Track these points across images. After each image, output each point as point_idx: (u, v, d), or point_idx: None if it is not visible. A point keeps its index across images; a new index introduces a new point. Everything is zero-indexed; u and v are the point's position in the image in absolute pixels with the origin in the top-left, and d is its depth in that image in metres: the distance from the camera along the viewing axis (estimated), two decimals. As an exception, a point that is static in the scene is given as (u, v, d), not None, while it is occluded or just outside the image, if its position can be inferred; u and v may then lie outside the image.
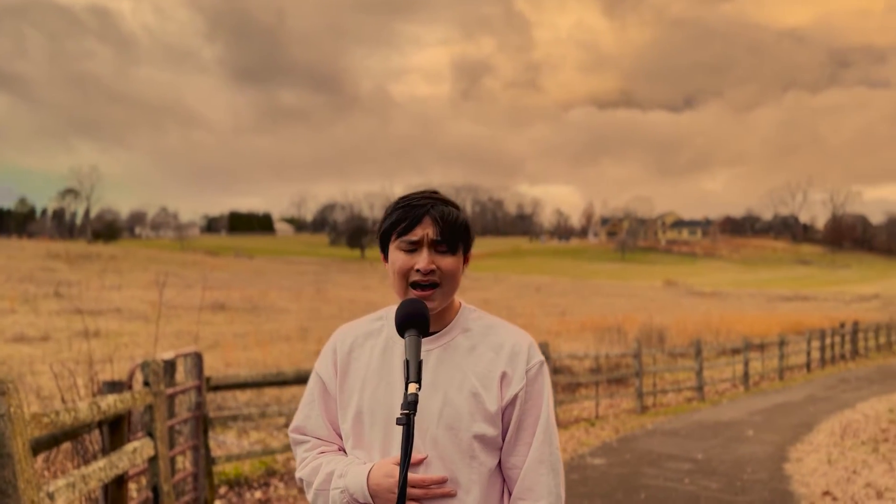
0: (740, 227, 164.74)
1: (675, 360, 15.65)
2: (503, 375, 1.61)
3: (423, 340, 1.59)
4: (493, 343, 1.64)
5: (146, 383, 4.31)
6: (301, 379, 6.91)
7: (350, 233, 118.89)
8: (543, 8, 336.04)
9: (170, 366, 5.07)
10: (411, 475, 1.52)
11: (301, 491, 6.29)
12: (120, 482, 3.92)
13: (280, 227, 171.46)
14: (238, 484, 6.30)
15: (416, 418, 1.42)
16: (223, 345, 18.89)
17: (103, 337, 17.13)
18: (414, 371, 1.45)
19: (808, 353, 18.97)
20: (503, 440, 1.63)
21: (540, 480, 1.60)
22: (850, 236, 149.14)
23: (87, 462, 4.54)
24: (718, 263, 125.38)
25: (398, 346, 1.65)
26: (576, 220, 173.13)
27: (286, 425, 9.06)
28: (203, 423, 5.55)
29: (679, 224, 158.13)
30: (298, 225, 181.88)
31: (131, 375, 4.44)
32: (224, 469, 6.35)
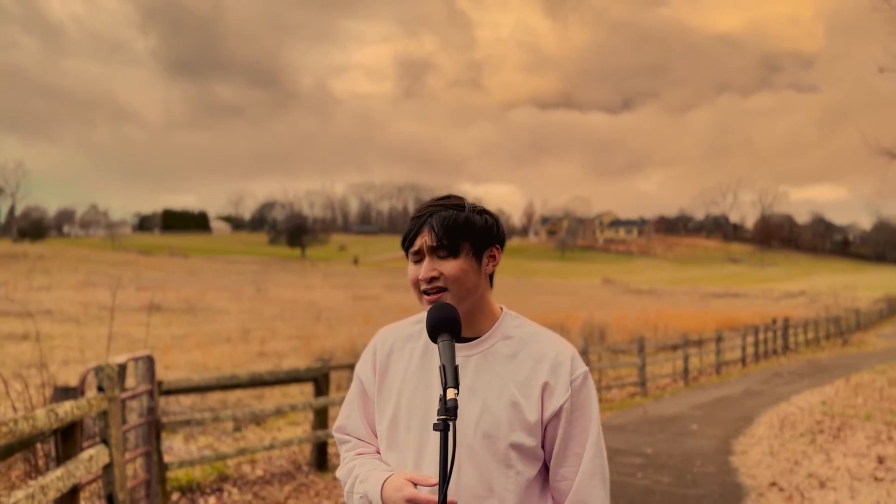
0: (674, 227, 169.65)
1: (617, 356, 15.96)
2: (545, 386, 1.59)
3: (463, 346, 1.58)
4: (534, 352, 1.62)
5: (100, 388, 4.14)
6: (255, 382, 6.78)
7: (290, 231, 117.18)
8: (485, 7, 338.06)
9: (121, 370, 4.89)
10: (428, 496, 1.48)
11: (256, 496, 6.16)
12: (74, 492, 3.75)
13: (216, 225, 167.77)
14: (191, 490, 6.13)
15: (453, 424, 1.41)
16: (160, 347, 18.34)
17: (32, 340, 16.43)
18: (451, 376, 1.43)
19: (743, 349, 19.61)
20: (545, 451, 1.61)
21: (593, 493, 1.59)
22: (778, 235, 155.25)
23: (38, 472, 4.34)
24: (653, 262, 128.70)
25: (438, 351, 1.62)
26: (517, 220, 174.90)
27: (237, 429, 8.88)
28: (156, 429, 5.37)
29: (616, 223, 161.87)
30: (236, 223, 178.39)
31: (83, 380, 4.26)
32: (176, 475, 6.16)
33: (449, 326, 1.52)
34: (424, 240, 1.59)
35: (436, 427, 1.40)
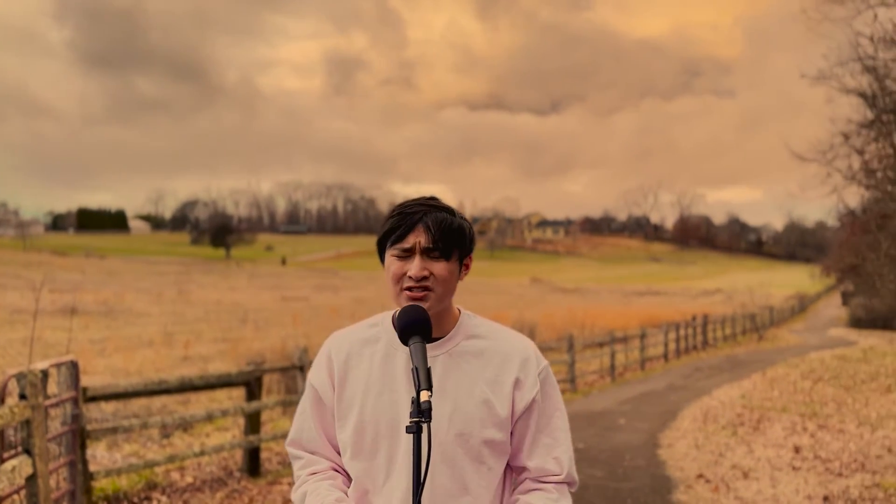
0: (598, 227, 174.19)
1: (546, 354, 16.21)
2: (516, 381, 1.62)
3: (428, 347, 1.57)
4: (499, 350, 1.65)
5: (22, 396, 3.93)
6: (185, 387, 6.57)
7: (213, 231, 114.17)
8: (417, 6, 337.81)
9: (44, 376, 4.66)
10: None
11: None
12: (-6, 506, 3.56)
13: (135, 224, 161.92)
14: (117, 500, 5.89)
15: (427, 426, 1.40)
16: (77, 352, 17.50)
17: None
18: (424, 378, 1.43)
19: (666, 345, 20.25)
20: (514, 443, 1.65)
21: (572, 474, 1.68)
22: (696, 235, 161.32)
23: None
24: (579, 261, 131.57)
25: (400, 354, 1.62)
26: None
27: (166, 436, 8.59)
28: (81, 437, 5.14)
29: (543, 224, 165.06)
30: (156, 223, 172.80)
31: (3, 388, 4.04)
32: (101, 485, 5.91)
33: (420, 328, 1.53)
34: (419, 239, 1.58)
35: (408, 430, 1.40)
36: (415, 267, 1.58)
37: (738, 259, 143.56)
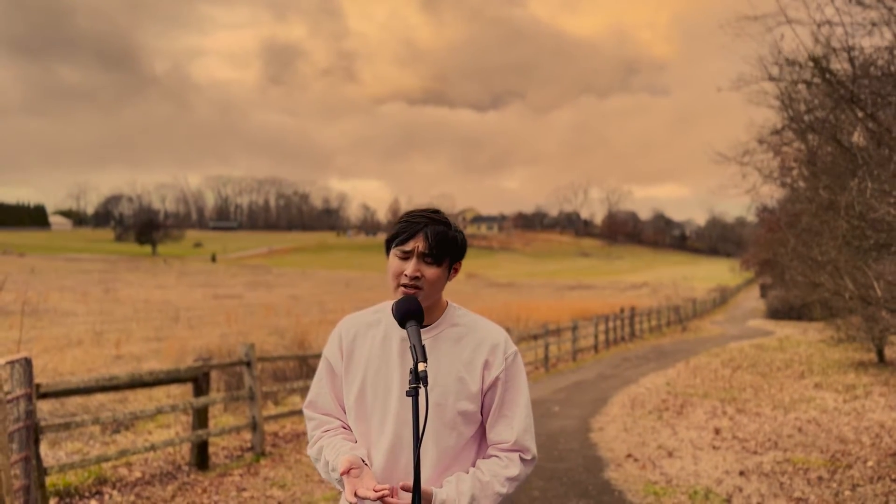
0: (531, 223, 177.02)
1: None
2: (485, 363, 1.97)
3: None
4: (476, 337, 1.99)
5: (-14, 392, 4.03)
6: (135, 383, 6.66)
7: (139, 227, 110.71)
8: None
9: None
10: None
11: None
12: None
13: (56, 220, 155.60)
14: (69, 495, 5.96)
15: (422, 391, 1.72)
16: (4, 353, 17.04)
17: None
18: (420, 353, 1.74)
19: (596, 336, 21.00)
20: (483, 414, 1.99)
21: (526, 444, 2.00)
22: (623, 231, 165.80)
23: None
24: (513, 256, 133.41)
25: (396, 335, 1.96)
26: (382, 215, 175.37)
27: (116, 431, 8.59)
28: (35, 433, 5.21)
29: (478, 220, 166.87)
30: (77, 219, 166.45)
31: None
32: (52, 480, 5.97)
33: (415, 315, 1.86)
34: (418, 245, 1.91)
35: (408, 393, 1.72)
36: (410, 267, 1.91)
37: (663, 254, 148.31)
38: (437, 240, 1.91)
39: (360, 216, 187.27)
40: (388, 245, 1.98)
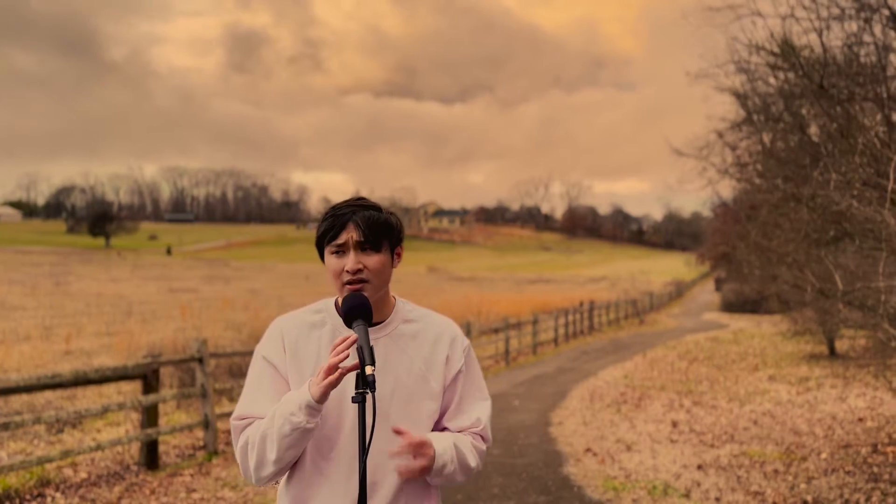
0: (493, 217, 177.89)
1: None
2: (447, 359, 1.88)
3: (370, 330, 1.77)
4: (432, 332, 1.89)
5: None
6: (80, 381, 6.39)
7: (92, 219, 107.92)
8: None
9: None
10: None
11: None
12: None
13: (4, 211, 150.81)
14: (8, 498, 5.69)
15: (370, 396, 1.60)
16: (-53, 348, 16.37)
17: None
18: (369, 355, 1.61)
19: (556, 330, 21.11)
20: (443, 408, 1.90)
21: (487, 433, 1.95)
22: (583, 225, 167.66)
23: None
24: (474, 250, 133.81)
25: (344, 335, 1.76)
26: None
27: (60, 431, 8.27)
28: (-31, 435, 4.95)
29: (440, 213, 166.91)
30: (27, 210, 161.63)
31: None
32: (-11, 484, 5.69)
33: (362, 312, 1.72)
34: (351, 235, 1.76)
35: (354, 399, 1.58)
36: (350, 261, 1.75)
37: (621, 248, 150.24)
38: (369, 225, 1.76)
39: (321, 209, 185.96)
40: (320, 246, 1.82)
